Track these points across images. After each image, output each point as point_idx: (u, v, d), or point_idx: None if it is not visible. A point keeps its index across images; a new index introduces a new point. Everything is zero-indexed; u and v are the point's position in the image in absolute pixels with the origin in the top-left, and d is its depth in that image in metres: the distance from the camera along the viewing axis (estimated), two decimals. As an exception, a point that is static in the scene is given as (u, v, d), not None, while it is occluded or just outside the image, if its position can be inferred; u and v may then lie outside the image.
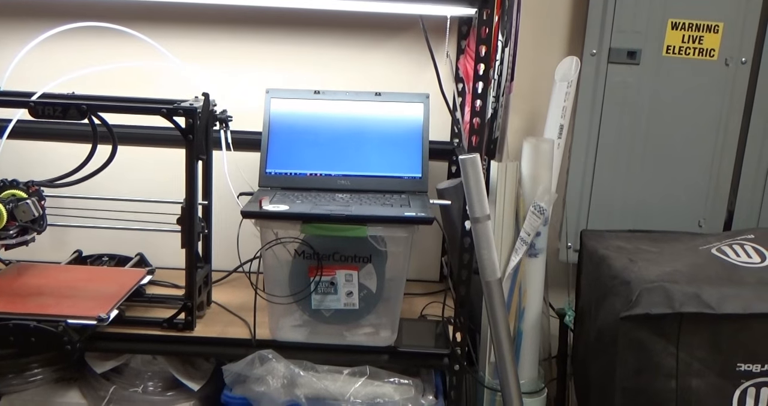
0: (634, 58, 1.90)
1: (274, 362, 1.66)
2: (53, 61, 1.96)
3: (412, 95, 1.89)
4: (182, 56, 1.95)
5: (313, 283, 1.67)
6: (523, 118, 2.05)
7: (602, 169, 1.96)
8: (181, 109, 1.65)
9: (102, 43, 2.00)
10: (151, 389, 1.80)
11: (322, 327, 1.72)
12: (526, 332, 1.85)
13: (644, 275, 1.54)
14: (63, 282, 1.80)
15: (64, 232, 2.06)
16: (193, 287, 1.73)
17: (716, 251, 1.65)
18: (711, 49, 1.89)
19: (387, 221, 1.63)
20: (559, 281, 2.08)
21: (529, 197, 1.78)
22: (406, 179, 1.84)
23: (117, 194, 1.94)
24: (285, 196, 1.75)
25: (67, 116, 1.63)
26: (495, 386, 1.82)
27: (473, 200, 1.55)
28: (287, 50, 2.03)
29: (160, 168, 2.05)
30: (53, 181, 1.77)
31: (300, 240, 1.66)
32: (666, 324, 1.47)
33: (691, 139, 1.94)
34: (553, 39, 2.02)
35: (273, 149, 1.85)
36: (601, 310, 1.65)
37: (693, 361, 1.48)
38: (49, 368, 1.84)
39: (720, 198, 1.98)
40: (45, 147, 2.06)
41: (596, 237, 1.83)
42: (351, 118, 1.88)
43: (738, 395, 1.48)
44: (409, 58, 2.03)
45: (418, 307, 1.95)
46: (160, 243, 1.98)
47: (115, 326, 1.69)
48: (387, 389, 1.68)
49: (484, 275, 1.59)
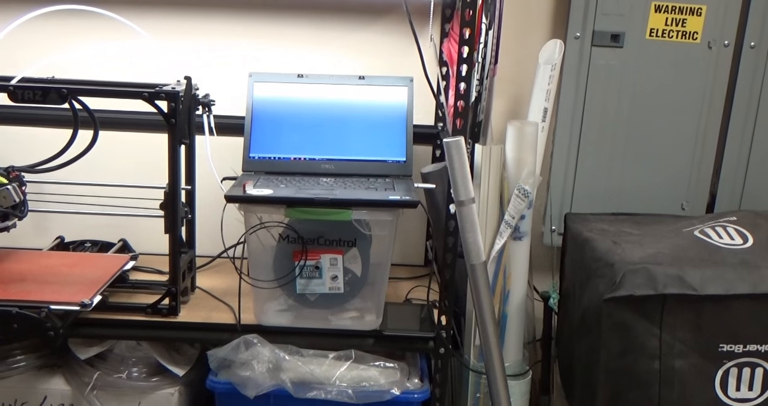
0: (618, 41, 1.90)
1: (259, 347, 1.66)
2: (33, 45, 1.94)
3: (396, 79, 1.88)
4: (164, 40, 1.94)
5: (298, 267, 1.67)
6: (507, 101, 2.05)
7: (586, 153, 1.96)
8: (163, 93, 1.64)
9: (83, 27, 1.97)
10: (135, 374, 1.80)
11: (306, 311, 1.72)
12: (510, 315, 1.86)
13: (628, 257, 1.55)
14: (45, 268, 1.79)
15: (45, 218, 2.04)
16: (176, 273, 1.72)
17: (699, 233, 1.66)
18: (694, 32, 1.89)
19: (371, 205, 1.63)
20: (543, 264, 2.08)
21: (513, 180, 1.78)
22: (391, 163, 1.84)
23: (99, 180, 1.92)
24: (269, 181, 1.74)
25: (47, 100, 1.61)
26: (480, 368, 1.83)
27: (458, 183, 1.55)
28: (270, 34, 2.02)
29: (143, 153, 2.03)
30: (34, 167, 1.75)
31: (284, 224, 1.66)
32: (649, 306, 1.48)
33: (674, 121, 1.95)
34: (537, 22, 2.02)
35: (256, 133, 1.84)
36: (585, 292, 1.66)
37: (676, 342, 1.49)
38: (32, 355, 1.83)
39: (702, 181, 1.99)
40: (26, 132, 2.04)
41: (580, 220, 1.83)
42: (335, 102, 1.87)
43: (720, 375, 1.50)
44: (392, 41, 2.02)
45: (403, 291, 1.96)
46: (143, 229, 1.96)
47: (99, 312, 1.68)
48: (372, 373, 1.69)
49: (469, 259, 1.59)
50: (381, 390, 1.67)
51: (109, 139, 1.88)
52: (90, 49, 2.00)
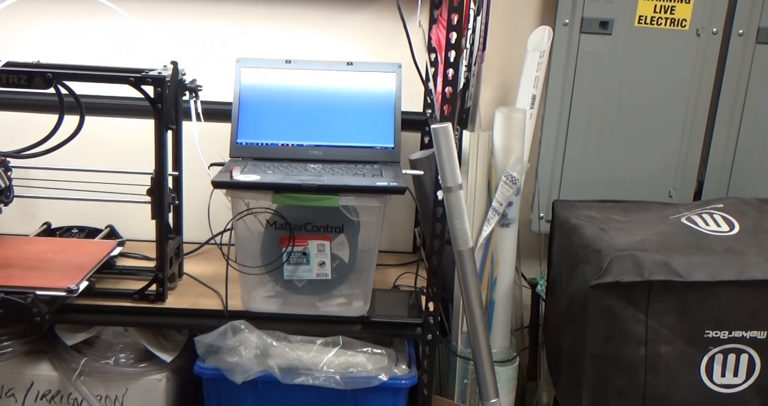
0: (607, 28, 1.90)
1: (247, 333, 1.66)
2: (17, 29, 1.92)
3: (384, 65, 1.87)
4: (151, 25, 1.92)
5: (285, 253, 1.67)
6: (496, 87, 2.05)
7: (574, 140, 1.96)
8: (150, 77, 1.63)
9: (69, 11, 1.96)
10: (123, 360, 1.79)
11: (294, 298, 1.72)
12: (498, 301, 1.87)
13: (615, 244, 1.55)
14: (31, 254, 1.78)
15: (31, 204, 2.03)
16: (164, 259, 1.71)
17: (686, 220, 1.67)
18: (683, 19, 1.89)
19: (359, 191, 1.62)
20: (531, 251, 2.09)
21: (501, 167, 1.79)
22: (379, 149, 1.83)
23: (86, 165, 1.91)
24: (256, 167, 1.73)
25: (32, 85, 1.60)
26: (467, 355, 1.84)
27: (445, 170, 1.55)
28: (258, 19, 2.00)
29: (130, 138, 2.02)
30: (20, 152, 1.73)
31: (272, 210, 1.65)
32: (635, 292, 1.49)
33: (662, 109, 1.95)
34: (525, 8, 2.01)
35: (244, 119, 1.83)
36: (572, 279, 1.67)
37: (662, 328, 1.50)
38: (18, 341, 1.82)
39: (690, 168, 2.00)
40: (11, 117, 2.02)
41: (568, 207, 1.84)
42: (323, 88, 1.86)
43: (706, 361, 1.51)
44: (381, 27, 2.01)
45: (391, 277, 1.96)
46: (130, 215, 1.96)
47: (86, 298, 1.68)
48: (360, 359, 1.69)
49: (456, 245, 1.60)
50: (368, 376, 1.67)
51: (96, 124, 1.87)
52: (76, 33, 1.99)
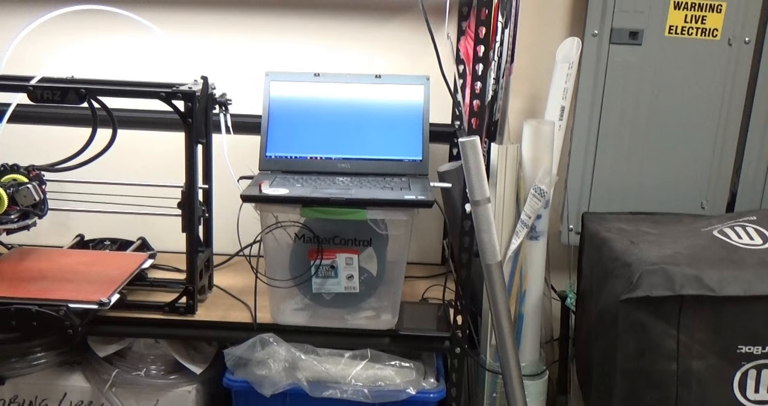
0: (636, 38, 1.88)
1: (275, 346, 1.66)
2: (53, 45, 1.95)
3: (412, 77, 1.88)
4: (182, 39, 1.95)
5: (314, 266, 1.67)
6: (524, 99, 2.04)
7: (604, 151, 1.95)
8: (180, 92, 1.65)
9: (102, 26, 1.99)
10: (153, 372, 1.81)
11: (322, 311, 1.73)
12: (527, 314, 1.85)
13: (645, 257, 1.54)
14: (65, 266, 1.81)
15: (65, 216, 2.06)
16: (194, 271, 1.73)
17: (718, 232, 1.65)
18: (714, 28, 1.87)
19: (387, 205, 1.63)
20: (560, 264, 2.07)
21: (529, 180, 1.78)
22: (407, 162, 1.84)
23: (118, 178, 1.93)
24: (285, 180, 1.74)
25: (65, 100, 1.63)
26: (496, 368, 1.83)
27: (473, 183, 1.55)
28: (287, 33, 2.02)
29: (161, 152, 2.04)
30: (54, 166, 1.77)
31: (300, 224, 1.66)
32: (667, 306, 1.47)
33: (693, 119, 1.93)
34: (554, 19, 2.00)
35: (273, 132, 1.85)
36: (602, 292, 1.65)
37: (694, 343, 1.48)
38: (52, 352, 1.85)
39: (723, 179, 1.97)
40: (45, 131, 2.06)
41: (598, 219, 1.82)
42: (351, 101, 1.87)
43: (739, 377, 1.48)
44: (409, 39, 2.01)
45: (419, 290, 1.95)
46: (161, 227, 1.97)
47: (117, 310, 1.70)
48: (388, 372, 1.69)
49: (485, 258, 1.59)
50: (397, 390, 1.67)
51: (128, 137, 1.89)
52: (109, 48, 2.02)
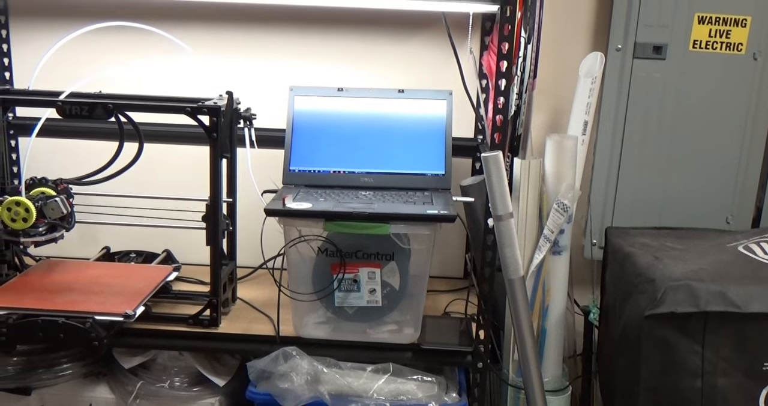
0: (660, 53, 1.88)
1: (298, 359, 1.67)
2: (81, 60, 1.98)
3: (435, 92, 1.89)
4: (207, 54, 1.97)
5: (336, 280, 1.68)
6: (547, 114, 2.04)
7: (628, 166, 1.94)
8: (205, 107, 1.67)
9: (129, 42, 2.02)
10: (177, 384, 1.82)
11: (345, 324, 1.73)
12: (549, 330, 1.85)
13: (669, 273, 1.53)
14: (91, 278, 1.83)
15: (92, 229, 2.08)
16: (217, 284, 1.74)
17: (743, 248, 1.63)
18: (739, 43, 1.86)
19: (409, 219, 1.63)
20: (583, 278, 2.06)
21: (552, 195, 1.77)
22: (430, 176, 1.84)
23: (144, 192, 1.96)
24: (308, 194, 1.75)
25: (93, 116, 1.65)
26: (519, 383, 1.82)
27: (496, 198, 1.55)
28: (311, 48, 2.04)
29: (187, 165, 2.07)
30: (81, 179, 1.79)
31: (323, 238, 1.67)
32: (691, 323, 1.46)
33: (718, 134, 1.92)
34: (577, 34, 2.01)
35: (297, 146, 1.86)
36: (625, 308, 1.64)
37: (719, 360, 1.46)
38: (78, 363, 1.87)
39: (748, 194, 1.95)
40: (73, 145, 2.09)
41: (621, 234, 1.81)
42: (374, 115, 1.88)
43: (765, 394, 1.46)
44: (432, 54, 2.02)
45: (441, 304, 1.96)
46: (186, 240, 1.99)
47: (142, 322, 1.71)
48: (410, 387, 1.69)
49: (507, 273, 1.59)
50: (419, 404, 1.67)
51: (154, 151, 1.92)
52: (136, 63, 2.05)
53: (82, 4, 2.01)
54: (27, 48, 2.08)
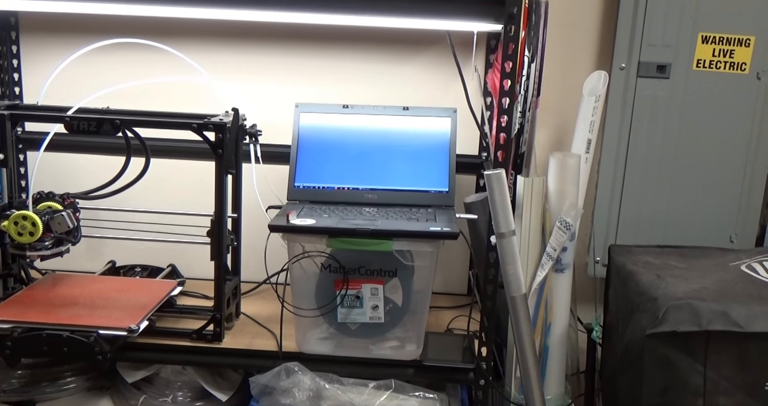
0: (664, 72, 1.89)
1: (300, 375, 1.67)
2: (89, 76, 2.01)
3: (439, 110, 1.90)
4: (213, 71, 1.99)
5: (339, 296, 1.69)
6: (551, 132, 2.05)
7: (631, 184, 1.95)
8: (211, 124, 1.68)
9: (136, 58, 2.04)
10: (180, 399, 1.83)
11: (347, 340, 1.73)
12: (552, 347, 1.85)
13: (672, 292, 1.53)
14: (96, 292, 1.84)
15: (98, 243, 2.10)
16: (221, 299, 1.75)
17: (746, 267, 1.63)
18: (742, 62, 1.87)
19: (412, 236, 1.64)
20: (587, 295, 2.07)
21: (555, 212, 1.78)
22: (433, 193, 1.85)
23: (149, 207, 1.98)
24: (312, 210, 1.76)
25: (101, 131, 1.67)
26: (521, 401, 1.82)
27: (498, 216, 1.55)
28: (316, 65, 2.06)
29: (192, 181, 2.08)
30: (88, 194, 1.81)
31: (326, 254, 1.68)
32: (693, 342, 1.46)
33: (722, 153, 1.92)
34: (581, 53, 2.02)
35: (302, 163, 1.88)
36: (628, 326, 1.64)
37: (720, 379, 1.46)
38: (81, 377, 1.88)
39: (752, 212, 1.96)
40: (80, 159, 2.11)
41: (624, 252, 1.81)
42: (379, 133, 1.89)
43: (767, 414, 1.46)
44: (436, 72, 2.04)
45: (444, 320, 1.96)
46: (191, 254, 2.01)
47: (146, 337, 1.72)
48: (412, 403, 1.69)
49: (509, 291, 1.59)
50: (420, 421, 1.67)
51: (160, 167, 1.93)
52: (142, 80, 2.06)
53: (90, 21, 2.04)
54: (37, 64, 2.10)
